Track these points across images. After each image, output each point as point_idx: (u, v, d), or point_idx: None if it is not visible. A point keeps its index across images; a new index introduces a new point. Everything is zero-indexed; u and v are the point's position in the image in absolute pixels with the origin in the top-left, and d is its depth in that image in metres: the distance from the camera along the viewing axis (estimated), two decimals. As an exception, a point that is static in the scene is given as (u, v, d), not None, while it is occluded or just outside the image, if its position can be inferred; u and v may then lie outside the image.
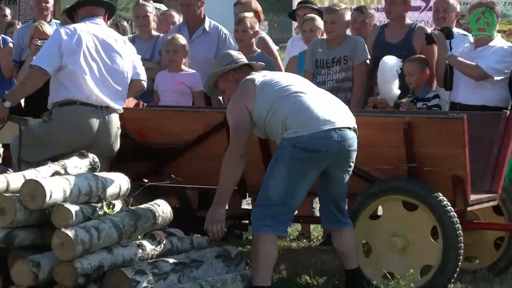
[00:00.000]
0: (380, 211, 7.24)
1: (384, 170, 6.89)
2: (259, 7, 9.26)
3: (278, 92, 6.47)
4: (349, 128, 6.46)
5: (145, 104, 8.22)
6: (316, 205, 8.82)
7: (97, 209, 6.35)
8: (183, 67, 8.61)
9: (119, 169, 7.00)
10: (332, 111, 6.47)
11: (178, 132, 7.36)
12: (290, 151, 6.33)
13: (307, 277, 7.40)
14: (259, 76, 6.60)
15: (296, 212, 6.74)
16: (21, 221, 6.11)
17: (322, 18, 8.82)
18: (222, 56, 6.89)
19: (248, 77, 6.61)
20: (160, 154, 7.42)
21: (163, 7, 10.73)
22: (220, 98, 8.29)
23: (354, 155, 6.49)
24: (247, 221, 7.62)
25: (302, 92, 6.47)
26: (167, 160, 7.41)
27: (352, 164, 6.53)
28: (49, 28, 8.93)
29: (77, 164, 6.72)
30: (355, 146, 6.47)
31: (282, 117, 6.40)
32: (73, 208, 6.12)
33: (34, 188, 6.01)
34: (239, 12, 8.96)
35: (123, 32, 9.36)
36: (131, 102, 7.98)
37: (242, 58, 6.77)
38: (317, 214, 7.82)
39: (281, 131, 6.41)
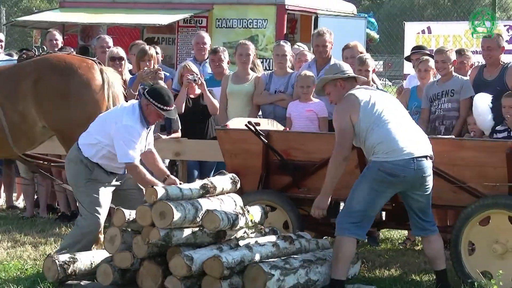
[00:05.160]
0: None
1: (489, 187, 6.77)
2: (363, 50, 9.21)
3: (375, 117, 6.43)
4: (426, 157, 6.43)
5: (289, 128, 8.27)
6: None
7: (240, 216, 6.45)
8: (311, 97, 8.63)
9: (268, 181, 7.20)
10: (413, 140, 6.45)
11: (316, 151, 7.24)
12: (374, 173, 6.35)
13: (413, 275, 7.36)
14: (362, 95, 6.51)
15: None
16: (178, 224, 6.23)
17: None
18: (333, 65, 6.83)
19: (353, 91, 6.54)
20: (300, 169, 7.31)
21: (304, 47, 10.53)
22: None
23: (429, 179, 6.46)
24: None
25: (391, 121, 6.44)
26: (306, 174, 7.31)
27: (428, 186, 6.48)
28: (194, 66, 9.13)
29: (220, 179, 6.84)
30: (429, 172, 6.44)
31: (374, 141, 6.39)
32: (220, 214, 6.24)
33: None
34: (348, 54, 8.94)
35: (256, 69, 9.36)
36: (279, 128, 8.04)
37: (350, 71, 6.70)
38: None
39: (370, 152, 6.42)
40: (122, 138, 6.73)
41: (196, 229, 6.43)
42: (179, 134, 9.01)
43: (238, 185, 6.90)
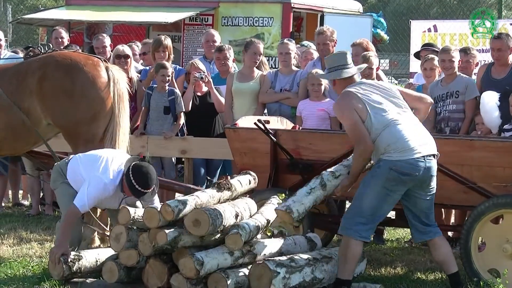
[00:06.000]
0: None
1: (499, 187, 6.77)
2: (370, 46, 9.10)
3: (386, 117, 6.39)
4: (434, 155, 6.44)
5: (300, 127, 8.31)
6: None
7: (261, 229, 6.47)
8: (323, 96, 8.68)
9: (277, 180, 7.27)
10: (422, 139, 6.44)
11: (326, 150, 7.27)
12: (386, 172, 6.33)
13: (419, 274, 7.40)
14: (365, 93, 6.43)
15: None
16: (208, 233, 6.18)
17: None
18: (341, 56, 6.61)
19: (354, 89, 6.43)
20: (310, 168, 7.30)
21: (311, 45, 10.56)
22: None
23: (434, 179, 6.45)
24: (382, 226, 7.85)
25: (401, 120, 6.41)
26: (315, 173, 7.11)
27: (433, 186, 6.48)
28: (201, 64, 9.25)
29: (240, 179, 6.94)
30: (435, 172, 6.44)
31: (387, 140, 6.34)
32: (245, 235, 6.19)
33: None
34: (354, 52, 8.87)
35: (263, 68, 9.43)
36: (288, 126, 8.11)
37: (352, 66, 6.61)
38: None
39: (380, 151, 6.36)
40: (89, 184, 6.66)
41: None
42: (182, 118, 9.07)
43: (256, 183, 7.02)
